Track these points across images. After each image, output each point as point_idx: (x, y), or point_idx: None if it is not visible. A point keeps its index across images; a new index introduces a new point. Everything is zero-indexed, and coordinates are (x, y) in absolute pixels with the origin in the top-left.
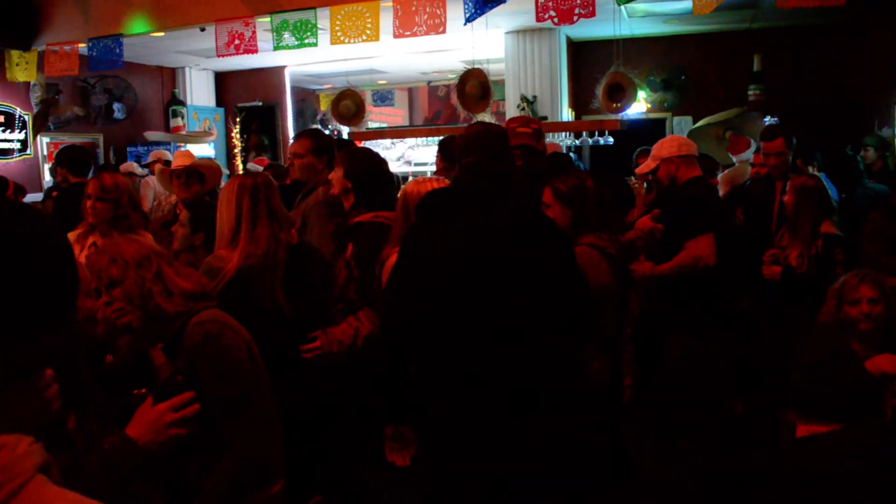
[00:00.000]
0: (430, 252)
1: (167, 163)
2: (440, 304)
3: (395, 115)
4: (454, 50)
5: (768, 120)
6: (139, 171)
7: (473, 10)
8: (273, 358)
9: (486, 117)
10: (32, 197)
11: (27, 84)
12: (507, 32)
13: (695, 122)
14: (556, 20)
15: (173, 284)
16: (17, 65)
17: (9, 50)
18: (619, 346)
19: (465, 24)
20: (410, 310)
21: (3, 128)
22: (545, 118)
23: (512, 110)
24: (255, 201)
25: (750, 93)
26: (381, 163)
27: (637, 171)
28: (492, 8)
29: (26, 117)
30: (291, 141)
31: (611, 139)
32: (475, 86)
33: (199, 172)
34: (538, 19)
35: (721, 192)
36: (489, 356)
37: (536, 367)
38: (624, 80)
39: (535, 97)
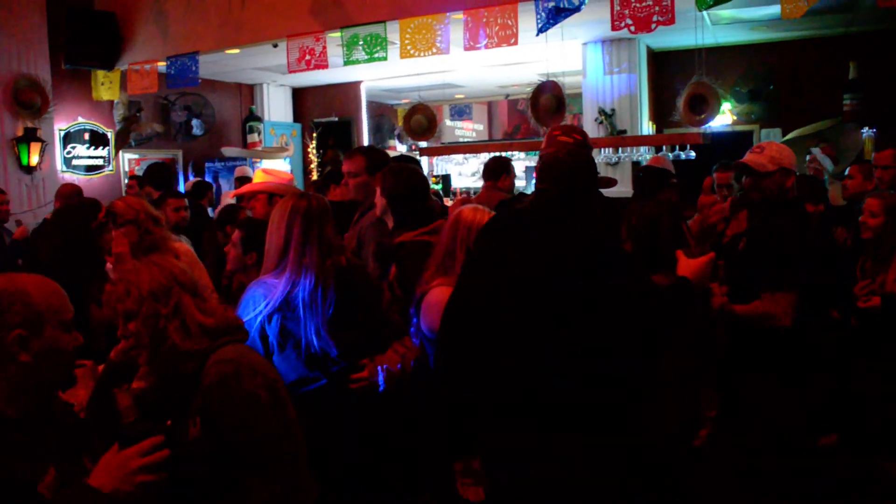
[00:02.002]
0: (495, 281)
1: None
2: (502, 335)
3: (474, 129)
4: (531, 62)
5: (866, 132)
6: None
7: (546, 21)
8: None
9: None
10: None
11: (111, 102)
12: (585, 43)
13: (784, 134)
14: (632, 28)
15: (192, 320)
16: (102, 84)
17: (95, 70)
18: (691, 383)
19: (537, 35)
20: (472, 341)
21: (90, 145)
22: (624, 132)
23: (589, 124)
24: (307, 227)
25: (845, 102)
26: (420, 178)
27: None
28: (565, 17)
29: (109, 134)
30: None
31: (693, 153)
32: (549, 99)
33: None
34: (614, 28)
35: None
36: (553, 392)
37: (602, 404)
38: (707, 91)
39: (613, 110)
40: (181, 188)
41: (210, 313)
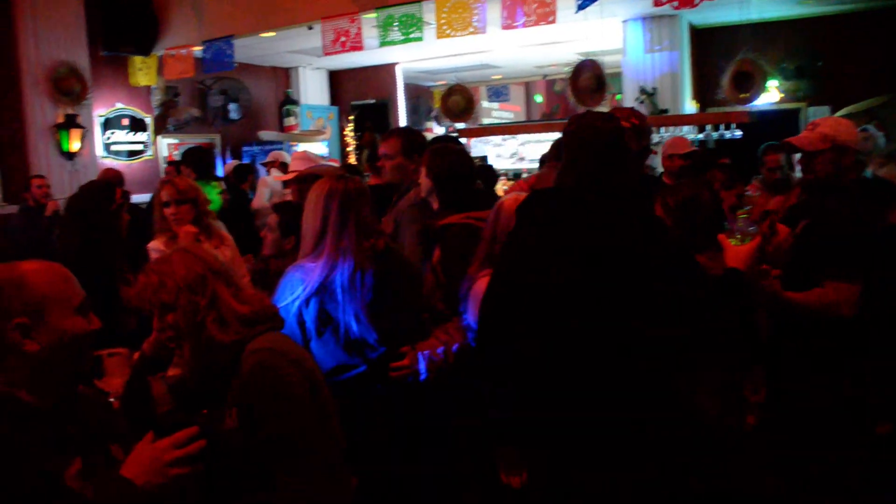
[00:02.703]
0: (534, 266)
1: (283, 164)
2: (539, 319)
3: (512, 110)
4: (569, 42)
5: None
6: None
7: None
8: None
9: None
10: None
11: (149, 88)
12: (625, 21)
13: (833, 112)
14: (675, 4)
15: (229, 310)
16: (140, 70)
17: (132, 56)
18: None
19: (576, 12)
20: (508, 326)
21: (129, 130)
22: (666, 111)
23: (630, 103)
24: (343, 209)
25: None
26: (468, 160)
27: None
28: None
29: (147, 120)
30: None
31: (738, 132)
32: (589, 78)
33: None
34: (656, 3)
35: None
36: (589, 378)
37: (641, 392)
38: (752, 68)
39: (654, 89)
40: (220, 172)
41: (246, 301)
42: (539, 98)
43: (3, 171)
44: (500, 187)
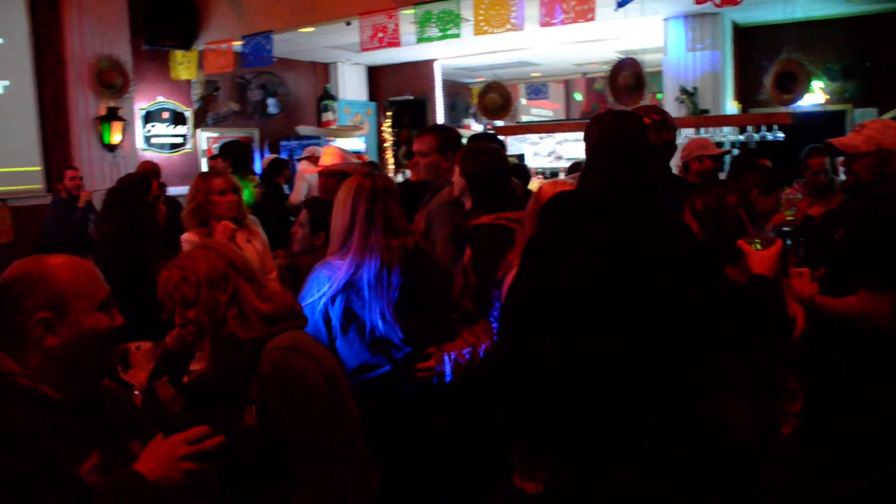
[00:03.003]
0: (550, 266)
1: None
2: (555, 320)
3: (551, 108)
4: (609, 39)
5: None
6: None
7: None
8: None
9: None
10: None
11: (189, 82)
12: (666, 19)
13: (881, 114)
14: (718, 2)
15: (251, 307)
16: (181, 64)
17: (173, 50)
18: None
19: (615, 9)
20: (527, 327)
21: (169, 123)
22: (706, 111)
23: (670, 103)
24: (372, 206)
25: None
26: (502, 159)
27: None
28: None
29: (187, 113)
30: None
31: (781, 134)
32: (628, 77)
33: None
34: (698, 1)
35: None
36: (605, 381)
37: (658, 397)
38: (797, 68)
39: (695, 89)
40: (258, 166)
41: (268, 299)
42: (579, 96)
43: (47, 162)
44: (534, 185)
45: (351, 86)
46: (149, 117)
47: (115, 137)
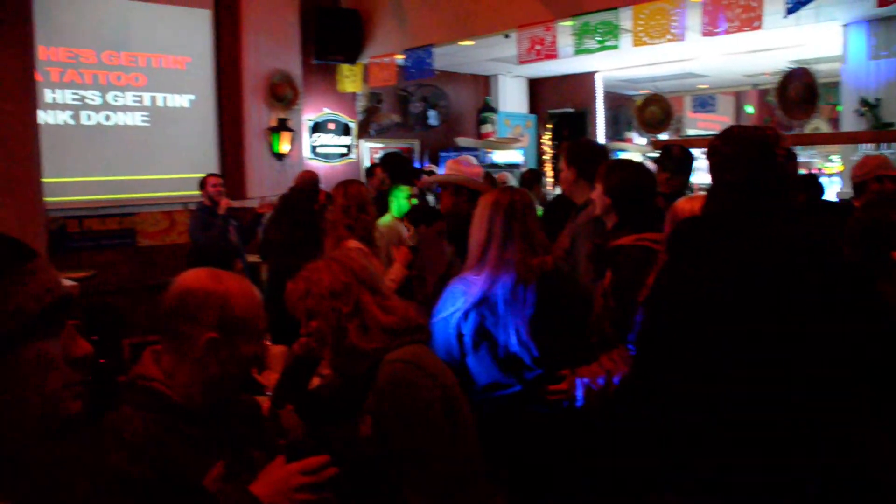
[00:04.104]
0: (685, 294)
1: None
2: (694, 355)
3: (719, 121)
4: (782, 48)
5: None
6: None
7: (796, 1)
8: (509, 399)
9: (822, 125)
10: None
11: (354, 94)
12: (846, 25)
13: None
14: None
15: (372, 319)
16: (346, 77)
17: (339, 64)
18: None
19: (785, 16)
20: (663, 362)
21: (334, 134)
22: (891, 125)
23: (848, 115)
24: (508, 221)
25: None
26: (648, 176)
27: None
28: None
29: (352, 125)
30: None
31: None
32: (799, 88)
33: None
34: (881, 4)
35: None
36: (749, 421)
37: (808, 439)
38: None
39: (878, 100)
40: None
41: (391, 311)
42: (750, 109)
43: (223, 169)
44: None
45: (511, 98)
46: (316, 128)
47: (284, 147)
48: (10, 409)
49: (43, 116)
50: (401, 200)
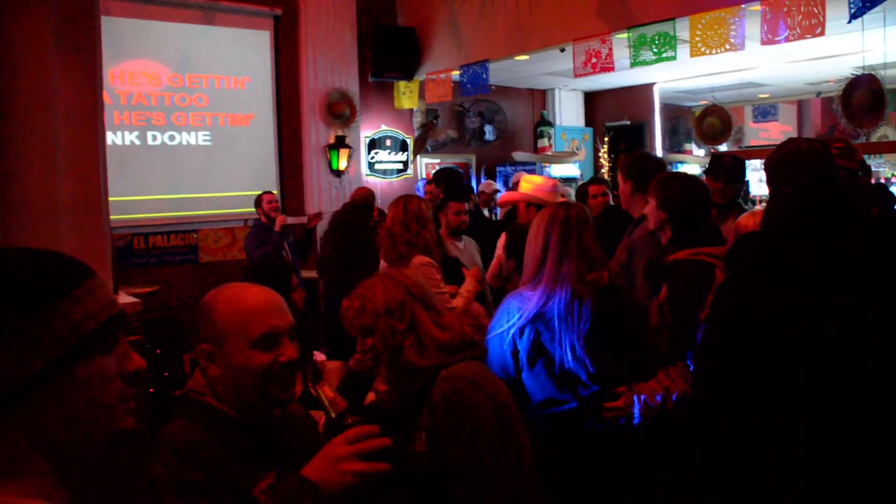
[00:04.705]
0: (746, 310)
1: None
2: (760, 375)
3: (783, 131)
4: (848, 54)
5: None
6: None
7: (861, 5)
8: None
9: (890, 133)
10: None
11: (410, 110)
12: None
13: None
14: None
15: (427, 335)
16: (403, 94)
17: (396, 82)
18: None
19: (848, 22)
20: (725, 383)
21: (391, 150)
22: None
23: None
24: (564, 236)
25: None
26: (703, 189)
27: None
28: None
29: (408, 141)
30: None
31: None
32: (864, 95)
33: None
34: None
35: None
36: (833, 445)
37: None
38: None
39: None
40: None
41: (446, 328)
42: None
43: (282, 186)
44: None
45: (567, 111)
46: (373, 144)
47: (342, 163)
48: (73, 423)
49: (111, 137)
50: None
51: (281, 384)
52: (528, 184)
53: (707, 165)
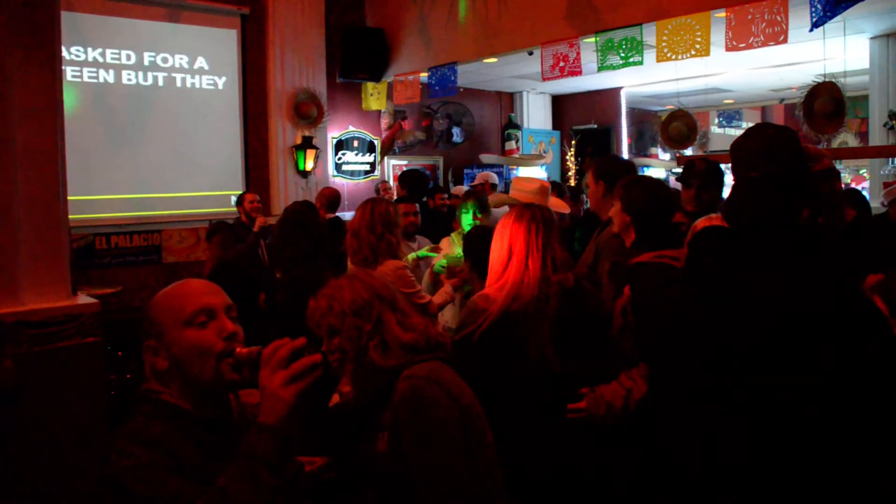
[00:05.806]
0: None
1: (493, 186)
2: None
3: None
4: (808, 62)
5: None
6: (495, 179)
7: (822, 14)
8: (532, 414)
9: (850, 139)
10: None
11: (378, 112)
12: (873, 38)
13: None
14: None
15: (392, 336)
16: (371, 95)
17: (364, 83)
18: None
19: (810, 30)
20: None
21: (358, 151)
22: None
23: (876, 130)
24: (529, 238)
25: None
26: (666, 193)
27: None
28: (845, 9)
29: (375, 142)
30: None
31: None
32: (825, 102)
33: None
34: None
35: None
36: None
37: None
38: None
39: None
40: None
41: (411, 328)
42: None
43: (248, 188)
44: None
45: (535, 114)
46: (340, 145)
47: (309, 164)
48: None
49: (71, 135)
50: (470, 217)
51: (223, 363)
52: (516, 190)
53: (680, 171)
